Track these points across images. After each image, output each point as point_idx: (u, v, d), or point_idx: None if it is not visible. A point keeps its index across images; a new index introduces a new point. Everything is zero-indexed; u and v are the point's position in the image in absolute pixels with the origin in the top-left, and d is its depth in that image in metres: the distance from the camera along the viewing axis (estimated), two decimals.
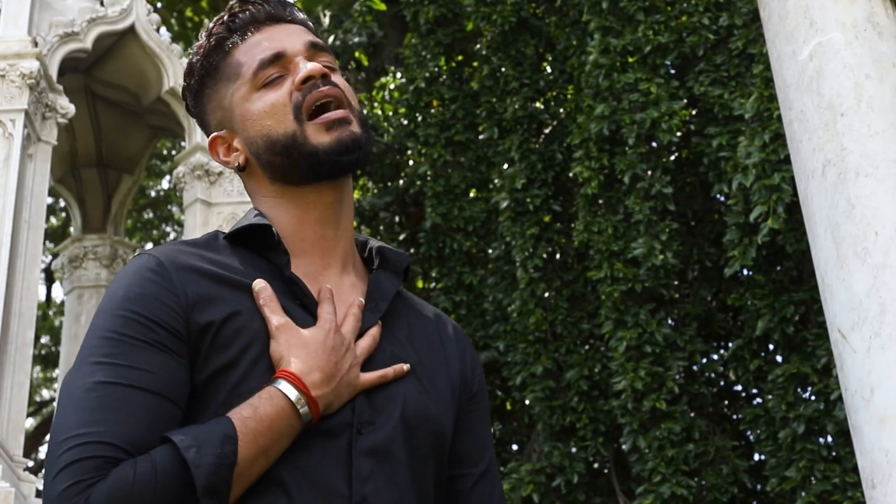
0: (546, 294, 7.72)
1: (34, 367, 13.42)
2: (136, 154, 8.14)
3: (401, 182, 9.49)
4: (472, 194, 8.86)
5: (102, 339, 1.42)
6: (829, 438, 6.41)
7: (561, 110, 8.36)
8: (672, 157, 7.52)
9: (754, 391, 7.26)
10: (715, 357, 7.44)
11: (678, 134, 7.26)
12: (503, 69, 8.48)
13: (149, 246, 16.28)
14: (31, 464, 6.62)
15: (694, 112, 7.62)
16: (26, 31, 6.44)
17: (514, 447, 8.65)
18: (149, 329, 1.42)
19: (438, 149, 8.72)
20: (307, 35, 1.63)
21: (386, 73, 10.31)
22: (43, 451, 15.40)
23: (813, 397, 6.49)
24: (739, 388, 7.52)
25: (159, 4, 11.57)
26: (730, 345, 7.19)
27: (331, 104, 1.55)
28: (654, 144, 7.30)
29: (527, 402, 7.66)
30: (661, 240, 6.94)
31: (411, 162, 9.53)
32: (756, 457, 7.17)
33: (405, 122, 9.43)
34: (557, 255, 7.98)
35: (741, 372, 6.96)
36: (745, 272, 7.09)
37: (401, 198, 9.43)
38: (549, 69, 8.69)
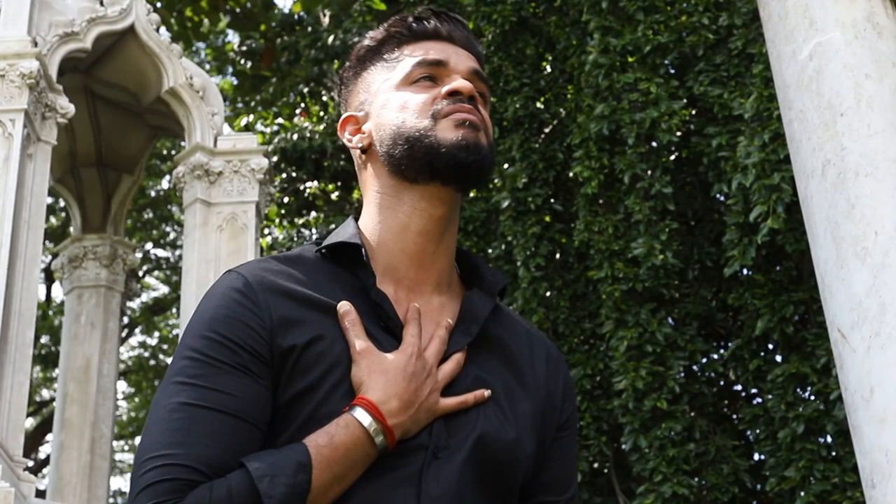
0: (547, 293, 7.72)
1: (34, 367, 13.43)
2: (136, 154, 8.13)
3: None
4: (472, 194, 8.86)
5: (188, 359, 1.45)
6: (829, 438, 6.42)
7: (561, 110, 8.37)
8: (672, 157, 7.52)
9: (754, 391, 7.27)
10: (715, 357, 7.44)
11: (678, 134, 7.27)
12: (503, 69, 8.49)
13: (148, 246, 16.29)
14: (30, 464, 6.62)
15: (694, 112, 7.63)
16: (26, 31, 6.43)
17: None
18: (233, 352, 1.43)
19: None
20: (474, 62, 1.65)
21: None
22: (43, 451, 15.42)
23: (812, 397, 6.49)
24: (739, 387, 7.52)
25: (159, 4, 11.57)
26: (730, 344, 7.20)
27: (468, 115, 1.56)
28: (654, 144, 7.31)
29: None
30: (661, 239, 6.95)
31: None
32: (756, 456, 7.17)
33: None
34: (558, 255, 7.99)
35: (741, 372, 6.96)
36: (745, 272, 7.09)
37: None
38: (549, 69, 8.69)
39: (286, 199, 10.69)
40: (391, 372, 1.45)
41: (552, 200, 8.05)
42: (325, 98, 11.13)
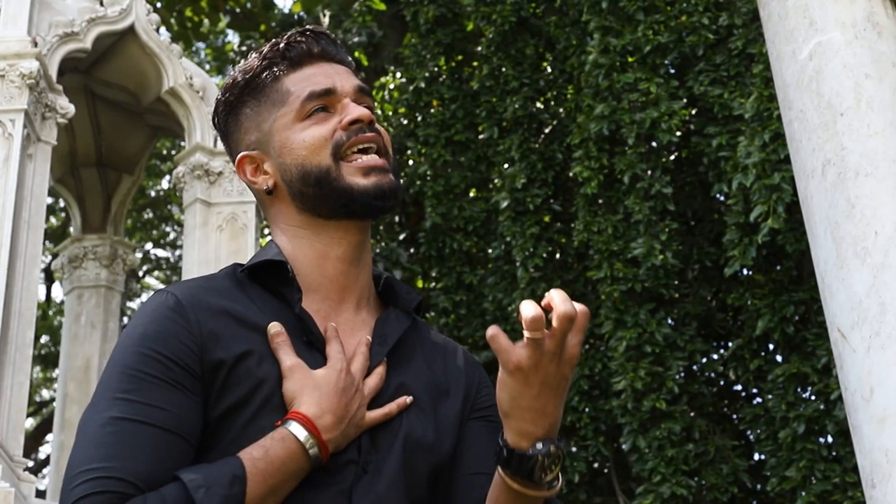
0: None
1: (34, 367, 13.42)
2: (136, 154, 8.13)
3: (401, 182, 9.48)
4: (471, 194, 8.86)
5: (121, 374, 1.45)
6: (829, 438, 6.41)
7: (561, 110, 8.37)
8: (672, 157, 7.52)
9: (754, 391, 7.27)
10: (715, 357, 7.44)
11: (678, 134, 7.27)
12: (503, 69, 8.48)
13: (148, 246, 16.29)
14: (30, 464, 6.61)
15: (694, 112, 7.63)
16: (26, 31, 6.43)
17: None
18: (165, 367, 1.45)
19: (438, 149, 8.73)
20: (354, 78, 1.67)
21: (386, 73, 10.31)
22: (43, 451, 15.41)
23: (813, 397, 6.49)
24: (739, 387, 7.52)
25: (159, 4, 11.57)
26: (730, 344, 7.19)
27: (371, 150, 1.60)
28: (654, 144, 7.31)
29: None
30: (661, 240, 6.94)
31: (411, 162, 9.53)
32: (756, 456, 7.17)
33: (405, 122, 9.43)
34: (558, 255, 7.99)
35: (741, 372, 6.96)
36: (745, 272, 7.09)
37: (401, 198, 9.43)
38: (549, 69, 8.69)
39: None
40: (324, 387, 1.48)
41: (551, 200, 8.05)
42: None
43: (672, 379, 6.73)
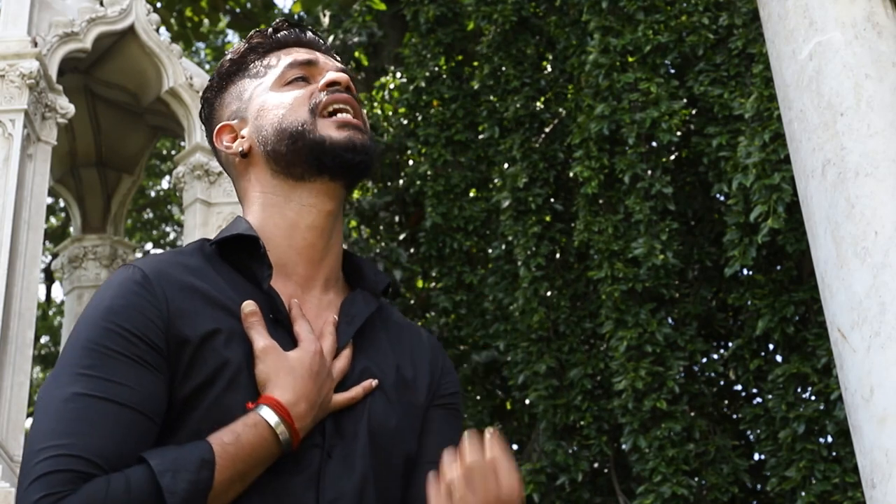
0: (548, 293, 7.72)
1: (34, 367, 13.42)
2: (136, 154, 8.13)
3: (401, 182, 9.49)
4: (472, 194, 8.86)
5: (84, 349, 1.42)
6: (829, 438, 6.41)
7: (561, 110, 8.36)
8: (672, 157, 7.52)
9: (754, 391, 7.26)
10: (715, 357, 7.43)
11: (678, 134, 7.26)
12: (504, 69, 8.48)
13: (148, 246, 16.29)
14: None
15: (694, 112, 7.62)
16: (26, 31, 6.43)
17: (514, 447, 8.65)
18: (129, 342, 1.42)
19: (438, 148, 8.72)
20: (337, 62, 1.72)
21: (386, 73, 10.30)
22: None
23: (813, 397, 6.49)
24: (739, 387, 7.51)
25: (159, 4, 11.57)
26: (730, 344, 7.19)
27: (347, 111, 1.61)
28: (654, 144, 7.30)
29: (528, 401, 7.66)
30: (661, 239, 6.94)
31: (411, 162, 9.53)
32: (756, 457, 7.16)
33: (405, 122, 9.43)
34: (559, 255, 7.98)
35: (741, 372, 6.95)
36: (745, 272, 7.08)
37: (401, 197, 9.43)
38: (549, 69, 8.69)
39: None
40: (297, 371, 1.46)
41: (552, 200, 8.05)
42: None
43: (672, 379, 6.73)
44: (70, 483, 1.32)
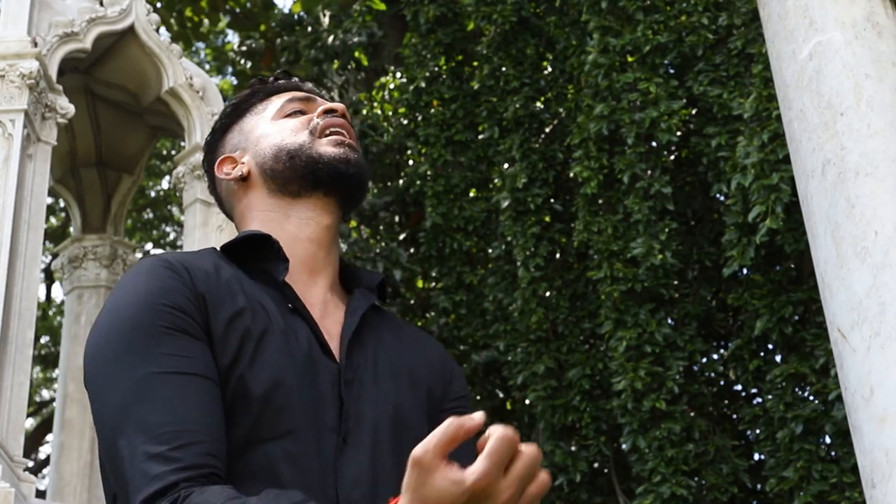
0: (547, 293, 7.72)
1: (34, 367, 13.42)
2: (136, 154, 8.13)
3: (401, 182, 9.49)
4: (472, 194, 8.86)
5: (136, 329, 1.44)
6: (828, 438, 6.41)
7: (561, 110, 8.37)
8: (671, 157, 7.52)
9: (754, 391, 7.26)
10: (715, 357, 7.44)
11: (677, 134, 7.26)
12: (503, 69, 8.48)
13: (148, 246, 16.28)
14: (31, 464, 6.61)
15: (693, 112, 7.62)
16: (26, 32, 6.43)
17: None
18: (178, 318, 1.46)
19: (438, 148, 8.73)
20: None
21: (386, 73, 10.30)
22: (43, 451, 15.38)
23: (811, 397, 6.49)
24: (739, 387, 7.52)
25: (159, 4, 11.56)
26: (729, 345, 7.19)
27: (343, 134, 1.70)
28: (654, 144, 7.31)
29: (527, 401, 7.66)
30: (661, 239, 6.94)
31: (411, 162, 9.53)
32: (756, 457, 7.17)
33: (405, 122, 9.43)
34: (558, 255, 7.99)
35: (741, 372, 6.96)
36: (745, 272, 7.08)
37: (401, 197, 9.43)
38: (549, 69, 8.69)
39: None
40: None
41: (552, 200, 8.05)
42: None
43: (672, 379, 6.73)
44: (203, 478, 1.35)
